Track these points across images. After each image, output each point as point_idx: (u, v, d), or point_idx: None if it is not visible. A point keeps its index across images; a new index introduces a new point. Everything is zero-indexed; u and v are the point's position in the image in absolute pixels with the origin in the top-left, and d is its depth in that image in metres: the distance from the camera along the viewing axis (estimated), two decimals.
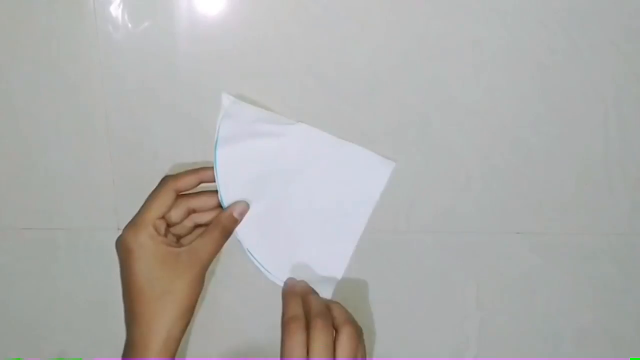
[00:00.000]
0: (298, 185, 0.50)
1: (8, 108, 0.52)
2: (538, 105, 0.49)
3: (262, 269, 0.51)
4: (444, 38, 0.48)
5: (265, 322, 0.54)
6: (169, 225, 0.49)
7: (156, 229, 0.47)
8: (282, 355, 0.45)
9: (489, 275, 0.52)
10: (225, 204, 0.50)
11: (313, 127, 0.50)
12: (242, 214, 0.49)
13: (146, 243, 0.46)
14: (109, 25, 0.50)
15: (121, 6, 0.49)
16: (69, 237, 0.54)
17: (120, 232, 0.48)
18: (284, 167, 0.50)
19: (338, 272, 0.52)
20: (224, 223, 0.48)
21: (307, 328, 0.44)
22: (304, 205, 0.51)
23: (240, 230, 0.50)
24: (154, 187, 0.52)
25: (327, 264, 0.52)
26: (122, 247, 0.47)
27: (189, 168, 0.51)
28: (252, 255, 0.51)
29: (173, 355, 0.47)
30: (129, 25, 0.50)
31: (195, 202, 0.49)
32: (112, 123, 0.52)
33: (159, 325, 0.46)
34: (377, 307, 0.53)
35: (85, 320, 0.56)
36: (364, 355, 0.46)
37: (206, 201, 0.50)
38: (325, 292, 0.52)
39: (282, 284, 0.51)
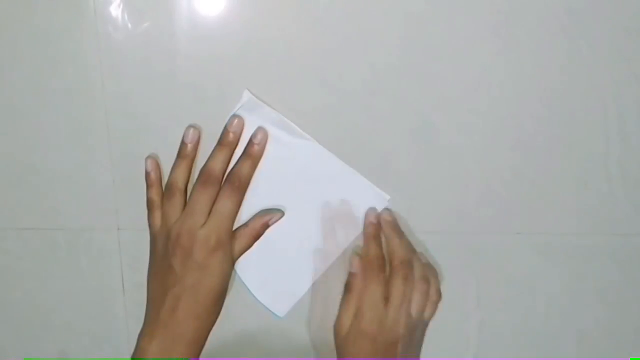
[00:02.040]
0: (290, 198, 0.50)
1: (8, 108, 0.52)
2: (538, 106, 0.49)
3: (234, 270, 0.51)
4: (444, 38, 0.48)
5: (265, 321, 0.54)
6: None
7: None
8: (350, 290, 0.47)
9: (489, 275, 0.52)
10: None
11: (320, 146, 0.50)
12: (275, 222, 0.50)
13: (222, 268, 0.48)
14: (109, 25, 0.50)
15: (121, 6, 0.49)
16: (69, 237, 0.54)
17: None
18: (281, 178, 0.50)
19: (300, 291, 0.52)
20: (258, 230, 0.49)
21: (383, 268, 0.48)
22: (290, 218, 0.51)
23: None
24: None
25: (292, 280, 0.52)
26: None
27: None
28: None
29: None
30: (129, 26, 0.50)
31: None
32: (112, 123, 0.52)
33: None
34: None
35: (85, 320, 0.56)
36: (430, 317, 0.49)
37: None
38: (282, 308, 0.52)
39: (246, 284, 0.52)
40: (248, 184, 0.49)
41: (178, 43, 0.50)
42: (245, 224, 0.49)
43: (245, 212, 0.51)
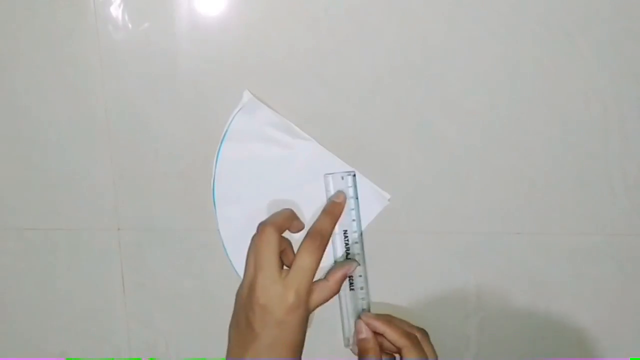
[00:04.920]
0: (291, 199, 0.51)
1: (8, 108, 0.53)
2: (538, 105, 0.49)
3: (233, 269, 0.52)
4: (444, 38, 0.48)
5: None
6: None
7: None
8: None
9: (489, 275, 0.52)
10: (217, 196, 0.51)
11: (321, 146, 0.50)
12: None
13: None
14: (109, 25, 0.50)
15: (121, 6, 0.49)
16: (69, 237, 0.54)
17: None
18: (282, 179, 0.51)
19: None
20: (338, 284, 0.49)
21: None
22: None
23: (223, 227, 0.51)
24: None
25: None
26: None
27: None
28: (227, 253, 0.52)
29: None
30: (129, 26, 0.50)
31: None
32: (112, 123, 0.52)
33: None
34: (377, 307, 0.53)
35: (85, 320, 0.56)
36: None
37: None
38: None
39: None
40: (328, 240, 0.48)
41: (178, 43, 0.50)
42: (326, 279, 0.48)
43: (246, 213, 0.51)
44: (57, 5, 0.50)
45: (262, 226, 0.47)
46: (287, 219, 0.49)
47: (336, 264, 0.51)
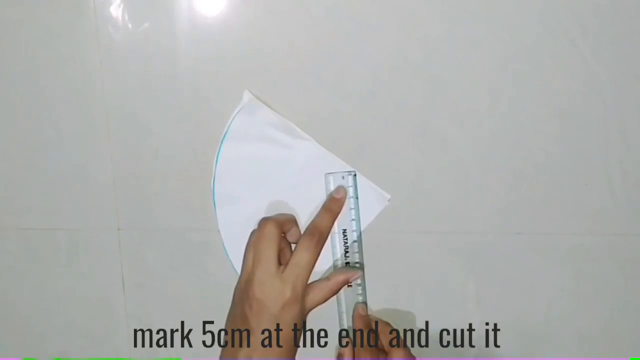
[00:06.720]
0: (290, 199, 0.51)
1: (8, 108, 0.53)
2: (538, 106, 0.49)
3: (233, 269, 0.52)
4: (444, 39, 0.48)
5: None
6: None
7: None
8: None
9: (489, 275, 0.52)
10: (217, 197, 0.51)
11: (321, 146, 0.50)
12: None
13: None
14: (109, 25, 0.50)
15: (121, 6, 0.50)
16: (69, 237, 0.55)
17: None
18: (282, 179, 0.51)
19: None
20: (338, 286, 0.49)
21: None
22: None
23: (223, 227, 0.51)
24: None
25: None
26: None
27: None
28: (227, 253, 0.52)
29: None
30: (129, 26, 0.50)
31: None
32: (112, 123, 0.52)
33: None
34: (377, 307, 0.53)
35: (85, 320, 0.56)
36: None
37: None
38: None
39: None
40: (327, 237, 0.49)
41: (178, 43, 0.50)
42: (327, 278, 0.49)
43: (246, 214, 0.51)
44: (57, 5, 0.50)
45: (263, 221, 0.47)
46: (288, 221, 0.49)
47: (340, 269, 0.51)
